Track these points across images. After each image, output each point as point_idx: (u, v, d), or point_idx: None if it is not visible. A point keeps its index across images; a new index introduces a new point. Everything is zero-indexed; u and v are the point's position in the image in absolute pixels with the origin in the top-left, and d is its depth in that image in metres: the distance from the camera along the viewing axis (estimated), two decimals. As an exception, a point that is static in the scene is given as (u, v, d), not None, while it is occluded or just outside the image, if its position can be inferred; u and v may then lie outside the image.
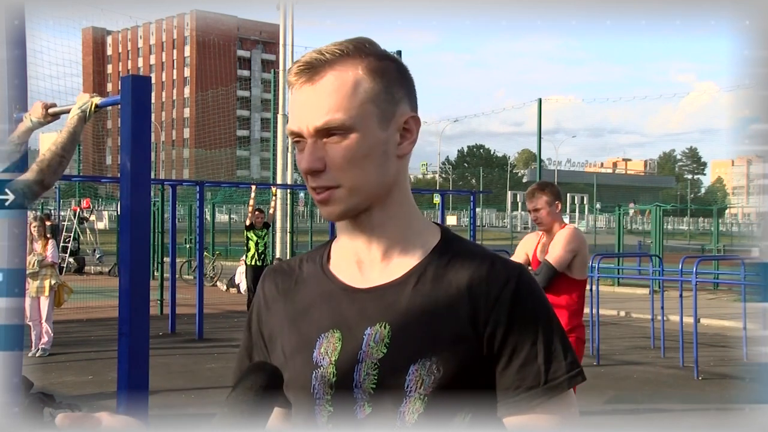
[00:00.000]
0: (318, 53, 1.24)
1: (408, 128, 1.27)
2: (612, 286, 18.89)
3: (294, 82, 1.25)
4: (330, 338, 1.26)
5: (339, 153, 1.21)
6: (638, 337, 11.99)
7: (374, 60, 1.25)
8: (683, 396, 8.03)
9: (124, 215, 3.30)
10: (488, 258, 1.27)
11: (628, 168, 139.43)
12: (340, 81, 1.22)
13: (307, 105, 1.22)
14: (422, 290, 1.24)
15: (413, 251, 1.28)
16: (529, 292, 1.24)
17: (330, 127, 1.21)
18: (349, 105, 1.21)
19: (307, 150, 1.22)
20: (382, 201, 1.26)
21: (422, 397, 1.18)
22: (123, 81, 3.37)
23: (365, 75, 1.23)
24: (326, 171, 1.22)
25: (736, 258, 13.84)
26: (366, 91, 1.23)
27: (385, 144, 1.24)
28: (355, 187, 1.22)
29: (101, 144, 73.43)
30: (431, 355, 1.19)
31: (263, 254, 12.94)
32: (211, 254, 21.39)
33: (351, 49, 1.24)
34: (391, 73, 1.26)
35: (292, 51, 23.04)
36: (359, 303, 1.26)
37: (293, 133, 1.24)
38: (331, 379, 1.23)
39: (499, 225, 64.28)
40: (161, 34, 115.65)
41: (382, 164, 1.24)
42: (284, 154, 21.93)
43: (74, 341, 10.85)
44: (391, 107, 1.25)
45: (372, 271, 1.28)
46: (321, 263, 1.34)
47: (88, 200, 26.29)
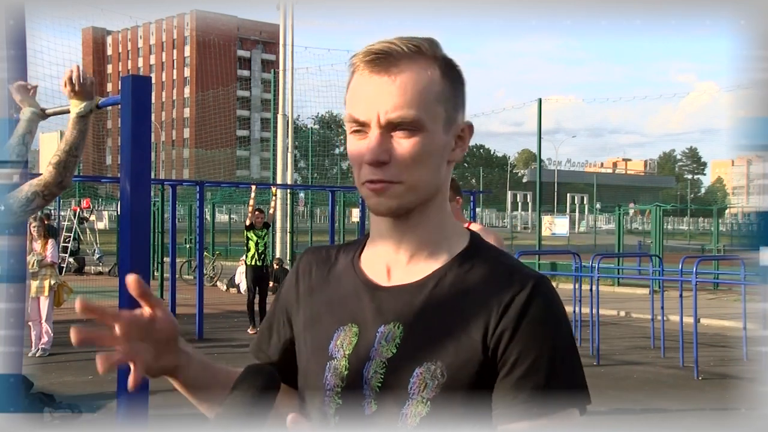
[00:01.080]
0: (393, 44, 1.22)
1: (462, 136, 1.29)
2: (612, 286, 18.89)
3: (364, 67, 1.22)
4: (347, 332, 1.26)
5: (406, 149, 1.20)
6: (638, 337, 11.99)
7: (446, 63, 1.26)
8: (683, 396, 8.03)
9: (124, 215, 3.30)
10: (509, 267, 1.25)
11: (628, 168, 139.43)
12: (418, 77, 1.21)
13: (381, 95, 1.20)
14: (439, 294, 1.24)
15: (439, 255, 1.28)
16: (544, 303, 1.20)
17: (404, 122, 1.20)
18: (424, 103, 1.21)
19: (374, 140, 1.20)
20: (427, 203, 1.26)
21: (425, 400, 1.18)
22: (123, 81, 3.37)
23: (439, 76, 1.24)
24: (389, 165, 1.21)
25: (736, 258, 13.83)
26: (439, 92, 1.23)
27: (445, 148, 1.25)
28: (414, 185, 1.22)
29: (101, 144, 73.42)
30: (437, 360, 1.19)
31: (263, 254, 12.93)
32: (211, 254, 21.37)
33: (426, 47, 1.24)
34: (459, 78, 1.27)
35: (292, 51, 23.05)
36: (378, 300, 1.26)
37: (357, 120, 1.22)
38: (342, 372, 1.24)
39: (499, 225, 64.23)
40: (161, 34, 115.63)
41: (438, 167, 1.25)
42: (284, 154, 21.93)
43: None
44: (454, 113, 1.26)
45: (398, 271, 1.28)
46: (353, 257, 1.35)
47: (88, 200, 26.28)
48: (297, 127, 30.75)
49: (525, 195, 65.96)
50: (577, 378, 1.20)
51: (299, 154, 32.60)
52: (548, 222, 28.54)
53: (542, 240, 23.54)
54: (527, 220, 59.22)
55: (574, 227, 48.45)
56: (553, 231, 28.44)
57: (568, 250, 17.08)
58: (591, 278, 10.67)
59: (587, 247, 27.67)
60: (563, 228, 29.16)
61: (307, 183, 30.55)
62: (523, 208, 64.79)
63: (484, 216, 58.86)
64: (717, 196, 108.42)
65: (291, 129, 22.81)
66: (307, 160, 28.41)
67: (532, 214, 48.32)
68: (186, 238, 24.91)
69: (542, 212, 25.91)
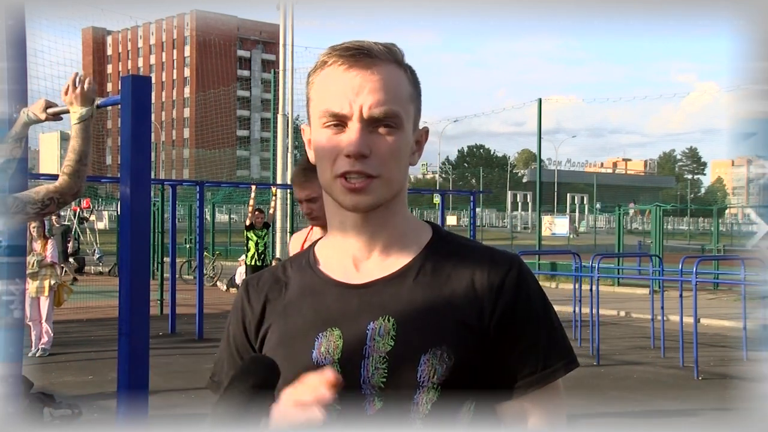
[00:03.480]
0: (368, 43, 1.25)
1: (420, 141, 1.33)
2: (612, 286, 18.88)
3: (343, 62, 1.24)
4: (329, 337, 1.25)
5: (386, 144, 1.23)
6: (638, 337, 11.98)
7: (411, 70, 1.30)
8: (683, 396, 8.03)
9: (124, 215, 3.30)
10: (487, 250, 1.31)
11: (628, 168, 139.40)
12: (397, 77, 1.25)
13: (362, 89, 1.22)
14: (423, 282, 1.26)
15: (409, 247, 1.30)
16: (530, 281, 1.29)
17: (387, 118, 1.22)
18: (402, 102, 1.25)
19: (357, 133, 1.21)
20: (394, 199, 1.29)
21: (435, 386, 1.20)
22: (123, 81, 3.36)
23: (409, 80, 1.28)
24: (369, 158, 1.22)
25: (736, 258, 13.83)
26: (410, 93, 1.28)
27: (412, 147, 1.30)
28: (390, 180, 1.25)
29: (101, 144, 73.42)
30: (441, 344, 1.21)
31: (263, 254, 12.94)
32: (211, 254, 21.38)
33: (396, 52, 1.28)
34: (419, 86, 1.32)
35: (292, 51, 23.04)
36: (358, 298, 1.26)
37: (335, 115, 1.23)
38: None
39: (499, 225, 64.26)
40: (161, 34, 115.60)
41: (407, 164, 1.29)
42: (284, 154, 21.93)
43: (74, 341, 10.85)
44: (418, 118, 1.31)
45: (368, 266, 1.29)
46: (308, 264, 1.35)
47: (88, 200, 26.29)
48: (297, 127, 30.74)
49: (525, 195, 66.01)
50: (567, 344, 1.30)
51: (299, 154, 32.61)
52: (548, 222, 28.55)
53: (542, 240, 23.54)
54: (527, 220, 59.22)
55: (574, 228, 48.40)
56: (553, 231, 28.46)
57: (568, 250, 17.08)
58: (591, 278, 10.68)
59: (587, 248, 27.68)
60: (563, 228, 29.18)
61: (307, 183, 30.42)
62: (523, 208, 64.79)
63: (484, 216, 58.87)
64: (717, 196, 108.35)
65: (291, 129, 22.80)
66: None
67: (532, 214, 48.33)
68: (186, 238, 24.91)
69: (542, 212, 25.92)
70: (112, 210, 34.85)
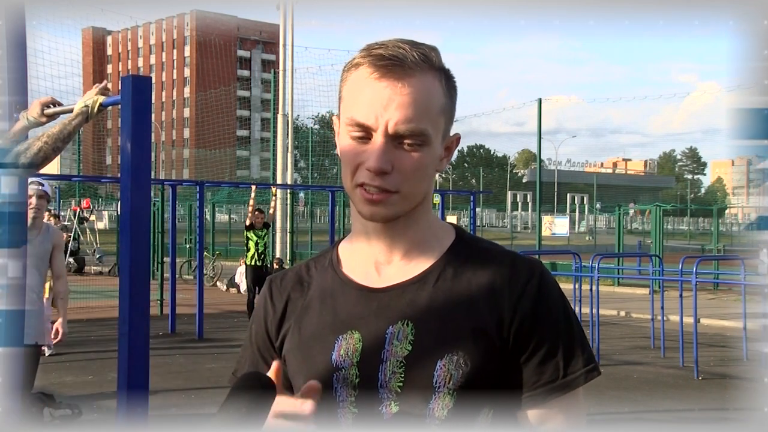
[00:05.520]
0: (404, 49, 1.20)
1: (450, 147, 1.30)
2: (612, 286, 18.88)
3: (374, 71, 1.20)
4: (349, 339, 1.25)
5: (410, 162, 1.20)
6: (638, 337, 11.98)
7: (446, 74, 1.25)
8: (683, 396, 8.03)
9: (124, 215, 3.30)
10: (509, 256, 1.29)
11: (628, 168, 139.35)
12: (428, 89, 1.21)
13: (391, 104, 1.18)
14: (443, 287, 1.25)
15: (431, 251, 1.29)
16: (551, 288, 1.26)
17: (412, 135, 1.19)
18: (431, 117, 1.21)
19: (380, 149, 1.19)
20: (416, 208, 1.27)
21: (451, 392, 1.19)
22: (123, 81, 3.36)
23: (444, 90, 1.24)
24: (390, 174, 1.20)
25: (736, 258, 13.83)
26: (442, 105, 1.24)
27: (439, 158, 1.27)
28: (410, 195, 1.23)
29: (101, 144, 73.39)
30: (457, 350, 1.20)
31: (263, 254, 12.93)
32: (211, 254, 21.37)
33: (433, 57, 1.23)
34: (455, 90, 1.27)
35: (292, 51, 23.05)
36: (378, 302, 1.26)
37: (361, 125, 1.20)
38: (354, 381, 1.23)
39: (499, 225, 64.23)
40: (161, 34, 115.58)
41: (431, 176, 1.26)
42: (284, 154, 21.93)
43: (74, 341, 10.83)
44: (449, 125, 1.27)
45: (390, 271, 1.28)
46: (332, 266, 1.33)
47: (88, 200, 26.30)
48: (297, 127, 30.72)
49: (525, 195, 65.96)
50: (589, 352, 1.27)
51: (299, 154, 32.56)
52: (548, 222, 28.56)
53: (542, 240, 23.53)
54: (527, 220, 59.18)
55: (574, 227, 48.42)
56: (553, 231, 28.46)
57: (568, 250, 17.07)
58: (591, 278, 10.68)
59: (587, 248, 27.66)
60: (563, 228, 29.16)
61: (307, 183, 30.51)
62: (523, 208, 64.75)
63: (484, 216, 58.85)
64: (717, 196, 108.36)
65: (291, 129, 22.81)
66: (307, 160, 28.37)
67: (532, 214, 48.31)
68: (186, 238, 24.90)
69: (542, 212, 25.91)
70: (112, 210, 34.83)
